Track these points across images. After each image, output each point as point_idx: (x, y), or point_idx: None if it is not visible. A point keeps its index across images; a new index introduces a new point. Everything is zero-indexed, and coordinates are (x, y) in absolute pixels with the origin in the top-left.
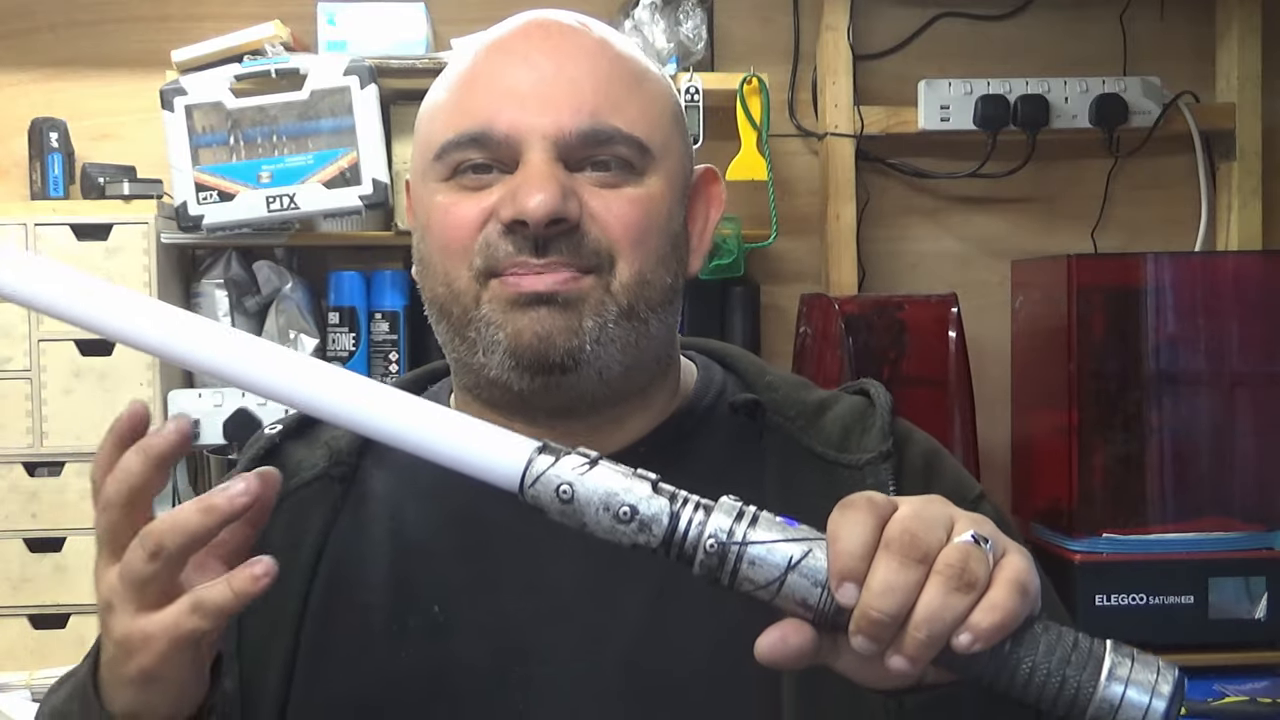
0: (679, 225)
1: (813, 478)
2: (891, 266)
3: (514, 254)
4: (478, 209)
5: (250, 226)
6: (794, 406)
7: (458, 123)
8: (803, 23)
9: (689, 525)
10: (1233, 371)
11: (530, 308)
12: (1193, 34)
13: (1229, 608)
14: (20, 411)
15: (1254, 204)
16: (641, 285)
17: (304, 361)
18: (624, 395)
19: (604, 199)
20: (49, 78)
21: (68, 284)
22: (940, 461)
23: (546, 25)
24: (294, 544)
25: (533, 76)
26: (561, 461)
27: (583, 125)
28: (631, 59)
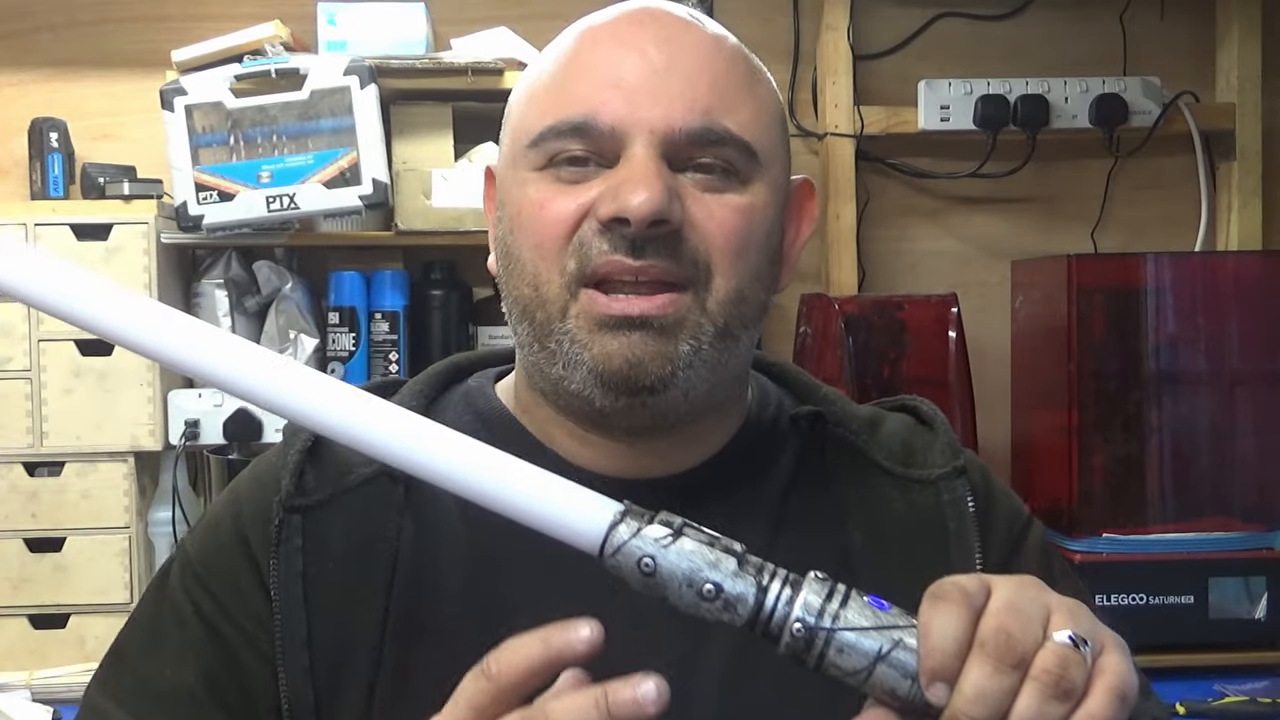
0: (777, 239)
1: (881, 492)
2: (891, 266)
3: (609, 252)
4: (574, 205)
5: (250, 226)
6: (853, 420)
7: (558, 110)
8: (803, 23)
9: (775, 604)
10: (1233, 371)
11: (622, 331)
12: (1193, 34)
13: (1229, 608)
14: (20, 411)
15: (1254, 204)
16: (738, 302)
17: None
18: (705, 412)
19: (706, 205)
20: (49, 78)
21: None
22: (994, 482)
23: (659, 14)
24: (364, 552)
25: (644, 67)
26: (644, 532)
27: (694, 123)
28: (746, 58)
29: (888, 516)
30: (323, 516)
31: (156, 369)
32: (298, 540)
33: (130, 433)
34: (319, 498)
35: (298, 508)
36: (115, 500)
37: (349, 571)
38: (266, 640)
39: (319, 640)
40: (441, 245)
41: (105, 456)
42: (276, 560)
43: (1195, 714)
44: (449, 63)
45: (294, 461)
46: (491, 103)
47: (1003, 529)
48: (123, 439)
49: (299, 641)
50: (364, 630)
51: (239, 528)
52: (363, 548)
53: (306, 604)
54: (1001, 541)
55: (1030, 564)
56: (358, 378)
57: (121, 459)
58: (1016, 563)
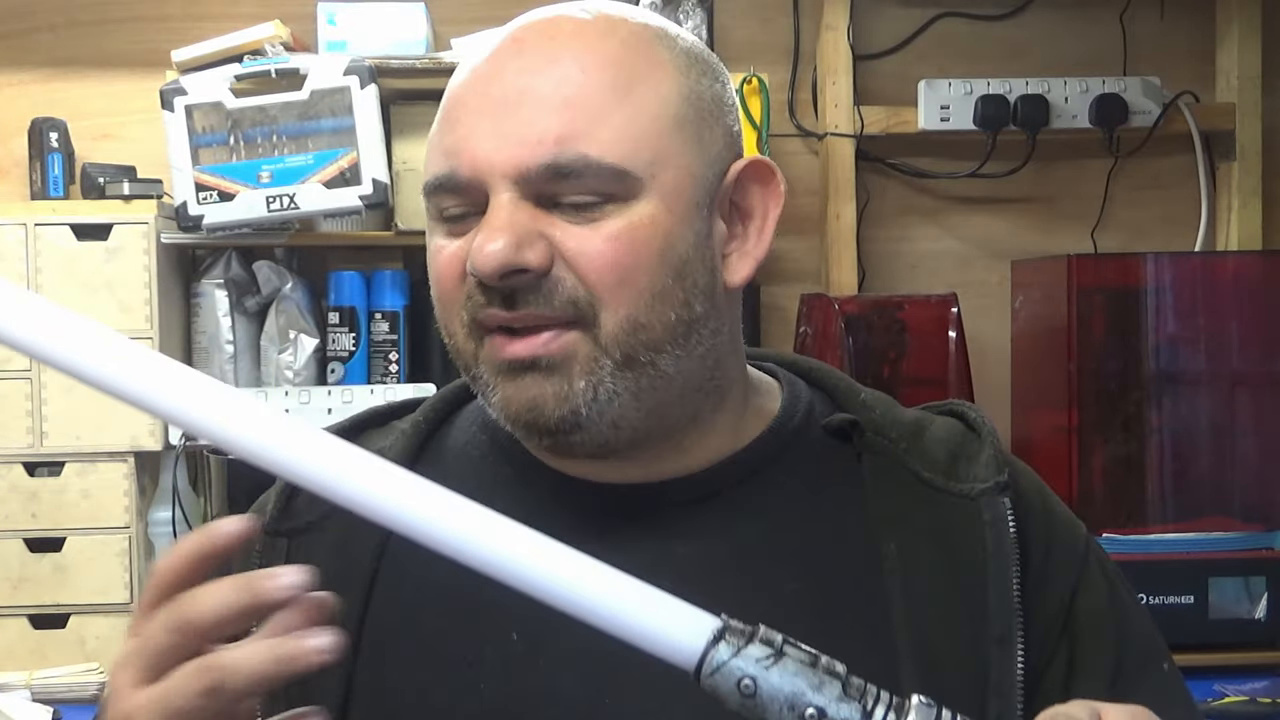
0: (688, 247)
1: (918, 505)
2: (891, 266)
3: (485, 305)
4: (457, 259)
5: (250, 226)
6: (894, 428)
7: (434, 163)
8: (803, 23)
9: None
10: (1233, 371)
11: (516, 375)
12: (1193, 34)
13: (1229, 608)
14: (20, 411)
15: (1254, 204)
16: (634, 330)
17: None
18: (663, 432)
19: (579, 239)
20: (49, 78)
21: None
22: (1051, 499)
23: (527, 30)
24: (344, 572)
25: (498, 101)
26: (744, 652)
27: (544, 159)
28: (620, 61)
29: (925, 531)
30: (310, 538)
31: None
32: (280, 564)
33: (130, 433)
34: (307, 519)
35: (283, 531)
36: (115, 500)
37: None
38: None
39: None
40: None
41: (105, 456)
42: None
43: None
44: (449, 63)
45: (283, 486)
46: None
47: (1061, 560)
48: (123, 439)
49: None
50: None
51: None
52: (344, 568)
53: None
54: (1063, 574)
55: (1097, 602)
56: (358, 378)
57: (121, 459)
58: (1082, 600)
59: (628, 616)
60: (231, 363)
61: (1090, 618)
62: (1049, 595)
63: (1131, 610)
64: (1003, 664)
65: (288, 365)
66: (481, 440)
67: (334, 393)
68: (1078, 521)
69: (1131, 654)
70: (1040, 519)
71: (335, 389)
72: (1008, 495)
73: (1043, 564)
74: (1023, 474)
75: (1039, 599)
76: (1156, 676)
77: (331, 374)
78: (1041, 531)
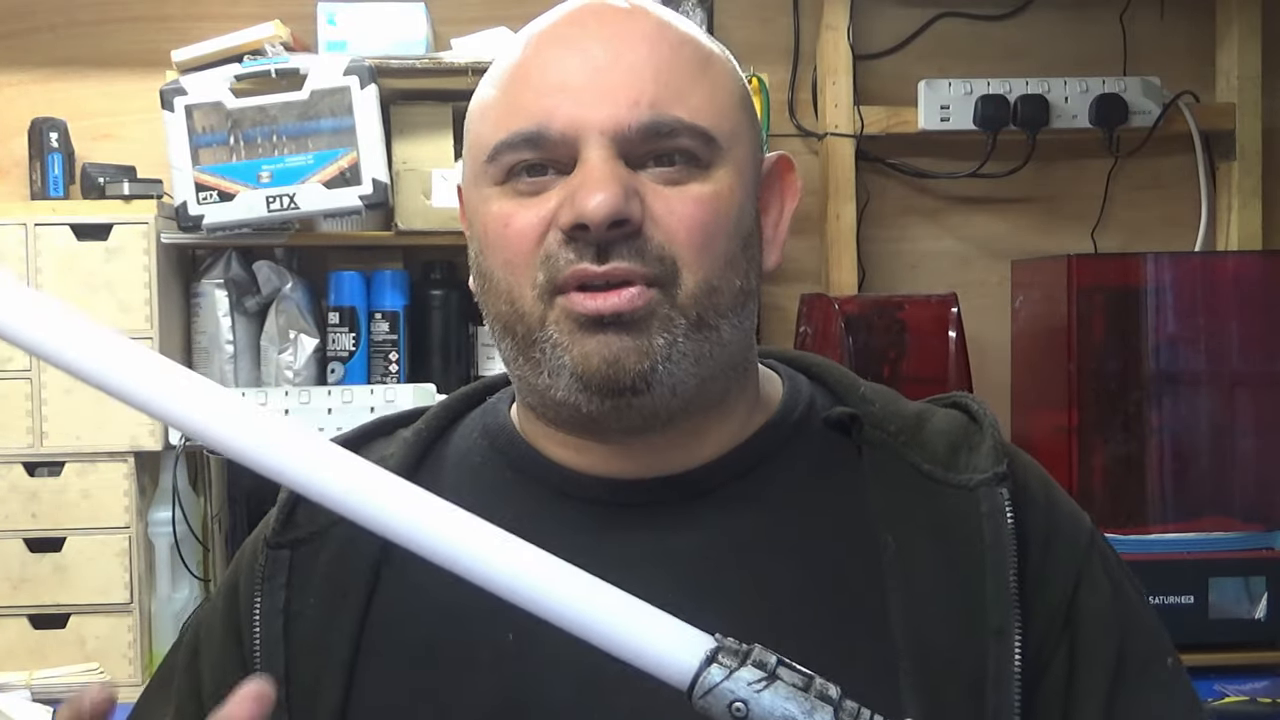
0: (750, 221)
1: (918, 498)
2: (891, 266)
3: (575, 261)
4: (537, 218)
5: (250, 226)
6: (894, 420)
7: (510, 122)
8: (803, 23)
9: None
10: (1233, 371)
11: (596, 330)
12: (1193, 34)
13: (1229, 608)
14: (20, 411)
15: (1254, 204)
16: (710, 293)
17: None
18: (700, 407)
19: (667, 200)
20: (49, 78)
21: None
22: (1054, 491)
23: (599, 10)
24: (343, 580)
25: (587, 67)
26: (736, 675)
27: (643, 118)
28: (695, 41)
29: (923, 524)
30: (311, 548)
31: None
32: (282, 576)
33: (130, 433)
34: (309, 530)
35: (285, 543)
36: (115, 500)
37: (330, 601)
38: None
39: (297, 672)
40: (441, 245)
41: (105, 456)
42: (259, 599)
43: None
44: (449, 63)
45: (283, 499)
46: None
47: (1063, 553)
48: (123, 439)
49: (277, 676)
50: (336, 658)
51: (234, 572)
52: (344, 574)
53: (286, 638)
54: (1064, 568)
55: (1100, 597)
56: (358, 378)
57: (121, 459)
58: (1084, 592)
59: (622, 634)
60: (231, 363)
61: (1092, 613)
62: (1049, 588)
63: (1136, 606)
64: (1000, 656)
65: (288, 365)
66: (482, 446)
67: (334, 393)
68: (1082, 514)
69: (1134, 651)
70: (1041, 510)
71: (335, 389)
72: (1006, 486)
73: (1042, 556)
74: (1026, 466)
75: (1039, 591)
76: (1159, 674)
77: (331, 374)
78: (1042, 523)
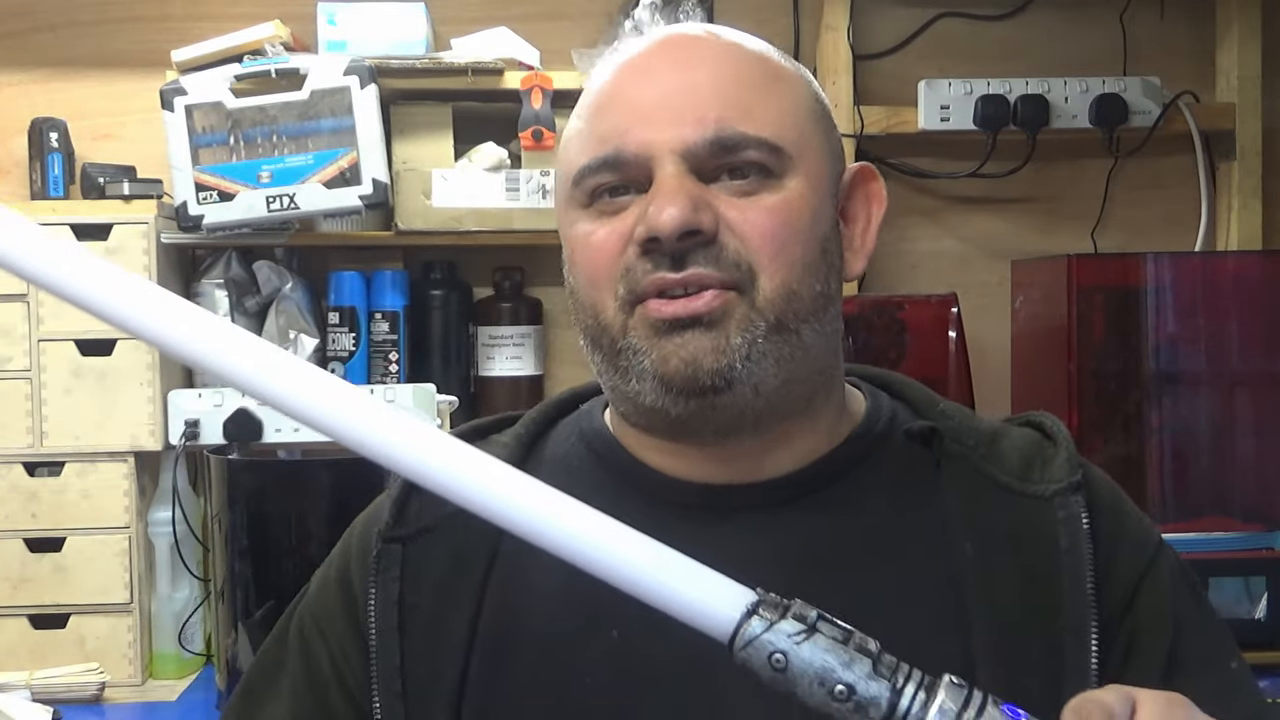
0: (827, 227)
1: (997, 508)
2: (891, 266)
3: (652, 271)
4: (616, 234)
5: (250, 226)
6: (971, 435)
7: (592, 148)
8: (803, 23)
9: (910, 708)
10: (1233, 371)
11: (675, 333)
12: (1193, 34)
13: (1229, 608)
14: (20, 411)
15: (1254, 204)
16: (788, 297)
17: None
18: (787, 411)
19: (740, 209)
20: (49, 78)
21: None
22: (1124, 501)
23: (674, 38)
24: (457, 576)
25: (657, 91)
26: (776, 627)
27: (708, 134)
28: (763, 58)
29: (1001, 531)
30: (423, 543)
31: (156, 369)
32: (395, 570)
33: (130, 433)
34: (421, 525)
35: (398, 538)
36: (115, 500)
37: (443, 594)
38: (354, 676)
39: (411, 664)
40: (441, 245)
41: (105, 456)
42: (374, 590)
43: None
44: (449, 63)
45: (396, 494)
46: (491, 103)
47: (1128, 554)
48: (123, 439)
49: (392, 666)
50: (452, 650)
51: (345, 564)
52: (458, 570)
53: (401, 630)
54: (1129, 567)
55: (1159, 596)
56: (358, 378)
57: (121, 459)
58: (1145, 593)
59: (666, 586)
60: None
61: (1150, 610)
62: (1115, 587)
63: (1196, 609)
64: (1077, 653)
65: None
66: (579, 450)
67: None
68: (1151, 525)
69: (1189, 647)
70: (1111, 517)
71: None
72: (1081, 494)
73: (1110, 558)
74: (1097, 477)
75: (1106, 591)
76: (1220, 672)
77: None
78: (1111, 528)
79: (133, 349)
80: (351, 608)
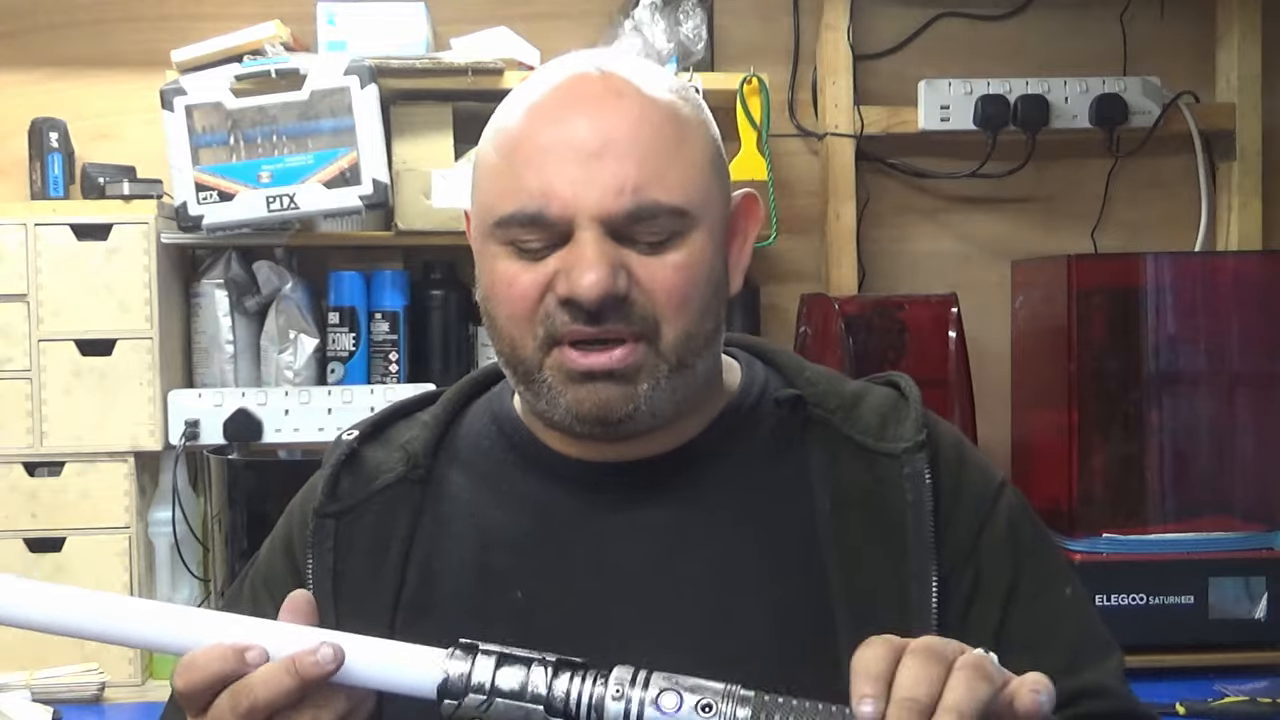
0: (720, 268)
1: (855, 467)
2: (891, 266)
3: (570, 322)
4: (535, 282)
5: (250, 226)
6: (833, 399)
7: (514, 198)
8: (803, 23)
9: (581, 694)
10: (1233, 371)
11: (589, 382)
12: (1193, 34)
13: (1229, 608)
14: (20, 411)
15: (1254, 204)
16: (687, 340)
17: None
18: (674, 415)
19: (649, 268)
20: (49, 78)
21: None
22: (967, 450)
23: (589, 89)
24: (383, 546)
25: (580, 154)
26: (464, 704)
27: (626, 206)
28: (672, 115)
29: (853, 487)
30: (352, 518)
31: (156, 369)
32: (329, 542)
33: (130, 433)
34: (350, 503)
35: (330, 513)
36: (115, 500)
37: (371, 564)
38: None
39: (344, 625)
40: (441, 245)
41: (105, 456)
42: (311, 560)
43: (1195, 714)
44: (449, 63)
45: (328, 474)
46: (491, 103)
47: (969, 506)
48: (123, 439)
49: (329, 628)
50: (378, 612)
51: (288, 535)
52: (382, 543)
53: (335, 595)
54: (969, 514)
55: (997, 539)
56: (358, 378)
57: (121, 459)
58: (985, 537)
59: (370, 669)
60: (231, 363)
61: (991, 549)
62: (956, 531)
63: (1033, 543)
64: (920, 596)
65: (288, 365)
66: (491, 430)
67: (334, 393)
68: (993, 470)
69: (1026, 582)
70: (953, 468)
71: (335, 389)
72: (925, 452)
73: (952, 505)
74: (943, 434)
75: (948, 535)
76: (1054, 598)
77: (331, 374)
78: (952, 479)
79: (133, 349)
80: (295, 574)
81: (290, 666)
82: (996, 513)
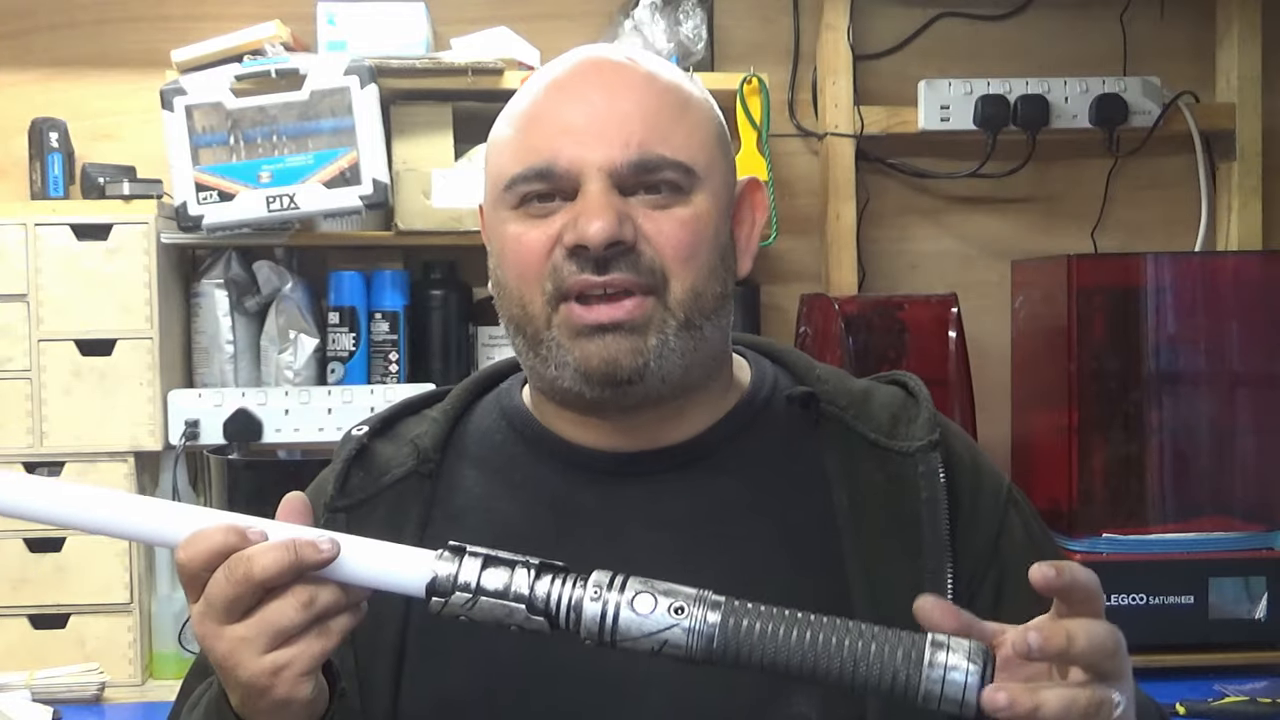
0: (726, 237)
1: (868, 462)
2: (891, 266)
3: (577, 272)
4: (545, 236)
5: (250, 226)
6: (844, 396)
7: (524, 158)
8: (803, 23)
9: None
10: (1233, 371)
11: (597, 335)
12: (1193, 34)
13: (1229, 608)
14: (20, 411)
15: (1254, 204)
16: (695, 298)
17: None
18: (684, 391)
19: (656, 221)
20: (49, 78)
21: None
22: (979, 455)
23: (599, 63)
24: (396, 534)
25: (588, 113)
26: (450, 602)
27: (632, 157)
28: (677, 88)
29: (869, 484)
30: (364, 512)
31: (156, 369)
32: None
33: (130, 433)
34: (361, 497)
35: (341, 508)
36: None
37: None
38: None
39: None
40: (441, 245)
41: (105, 456)
42: None
43: (1195, 714)
44: (449, 63)
45: (340, 469)
46: (491, 103)
47: (987, 508)
48: (123, 439)
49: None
50: (392, 603)
51: None
52: (394, 537)
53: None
54: (989, 517)
55: (1015, 536)
56: (358, 378)
57: (121, 459)
58: (1004, 537)
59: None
60: (231, 363)
61: (1013, 552)
62: (976, 533)
63: (1044, 544)
64: (934, 588)
65: (288, 365)
66: (501, 425)
67: (334, 393)
68: (1001, 474)
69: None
70: (968, 471)
71: (335, 389)
72: (939, 451)
73: (971, 508)
74: (954, 434)
75: (968, 536)
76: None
77: (331, 374)
78: (969, 482)
79: (133, 349)
80: None
81: (290, 545)
82: (1011, 515)
